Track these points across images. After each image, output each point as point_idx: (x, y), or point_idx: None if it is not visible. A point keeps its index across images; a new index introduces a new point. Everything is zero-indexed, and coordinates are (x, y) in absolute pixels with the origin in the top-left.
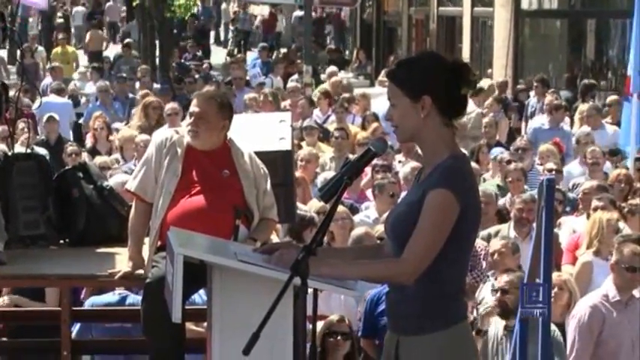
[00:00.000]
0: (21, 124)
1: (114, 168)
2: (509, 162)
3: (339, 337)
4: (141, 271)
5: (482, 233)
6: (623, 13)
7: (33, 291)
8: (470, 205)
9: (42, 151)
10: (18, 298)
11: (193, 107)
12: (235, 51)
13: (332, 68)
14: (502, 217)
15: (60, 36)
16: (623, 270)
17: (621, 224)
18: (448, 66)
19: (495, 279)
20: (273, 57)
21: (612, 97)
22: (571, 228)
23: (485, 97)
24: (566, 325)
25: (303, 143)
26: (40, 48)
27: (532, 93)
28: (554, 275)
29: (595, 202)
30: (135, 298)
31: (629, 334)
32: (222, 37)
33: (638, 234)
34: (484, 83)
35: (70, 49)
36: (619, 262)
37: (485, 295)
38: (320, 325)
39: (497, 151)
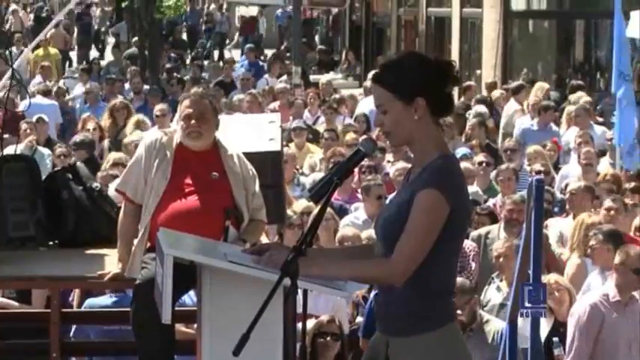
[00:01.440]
0: (24, 126)
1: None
2: (481, 164)
3: (328, 338)
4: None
5: (473, 234)
6: (611, 14)
7: (19, 293)
8: (459, 205)
9: (45, 151)
10: (5, 301)
11: (189, 109)
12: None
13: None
14: (492, 218)
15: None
16: (628, 272)
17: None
18: (433, 65)
19: (501, 281)
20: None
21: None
22: (558, 229)
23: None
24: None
25: (292, 144)
26: (25, 50)
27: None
28: (551, 278)
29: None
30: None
31: (627, 335)
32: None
33: (609, 227)
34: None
35: (53, 50)
36: (625, 263)
37: (492, 297)
38: (310, 325)
39: (462, 151)
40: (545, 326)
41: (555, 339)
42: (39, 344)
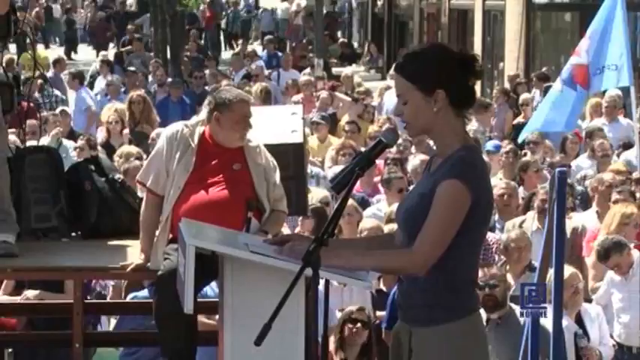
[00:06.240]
0: (51, 118)
1: (138, 158)
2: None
3: (358, 324)
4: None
5: (508, 224)
6: (634, 5)
7: (46, 284)
8: (481, 195)
9: (70, 144)
10: (41, 293)
11: (247, 111)
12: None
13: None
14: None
15: (27, 40)
16: None
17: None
18: (457, 57)
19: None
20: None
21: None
22: (580, 223)
23: None
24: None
25: (310, 137)
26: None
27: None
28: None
29: (615, 195)
30: None
31: None
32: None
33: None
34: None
35: (43, 54)
36: None
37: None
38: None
39: (491, 145)
40: (567, 318)
41: (579, 331)
42: (61, 335)
